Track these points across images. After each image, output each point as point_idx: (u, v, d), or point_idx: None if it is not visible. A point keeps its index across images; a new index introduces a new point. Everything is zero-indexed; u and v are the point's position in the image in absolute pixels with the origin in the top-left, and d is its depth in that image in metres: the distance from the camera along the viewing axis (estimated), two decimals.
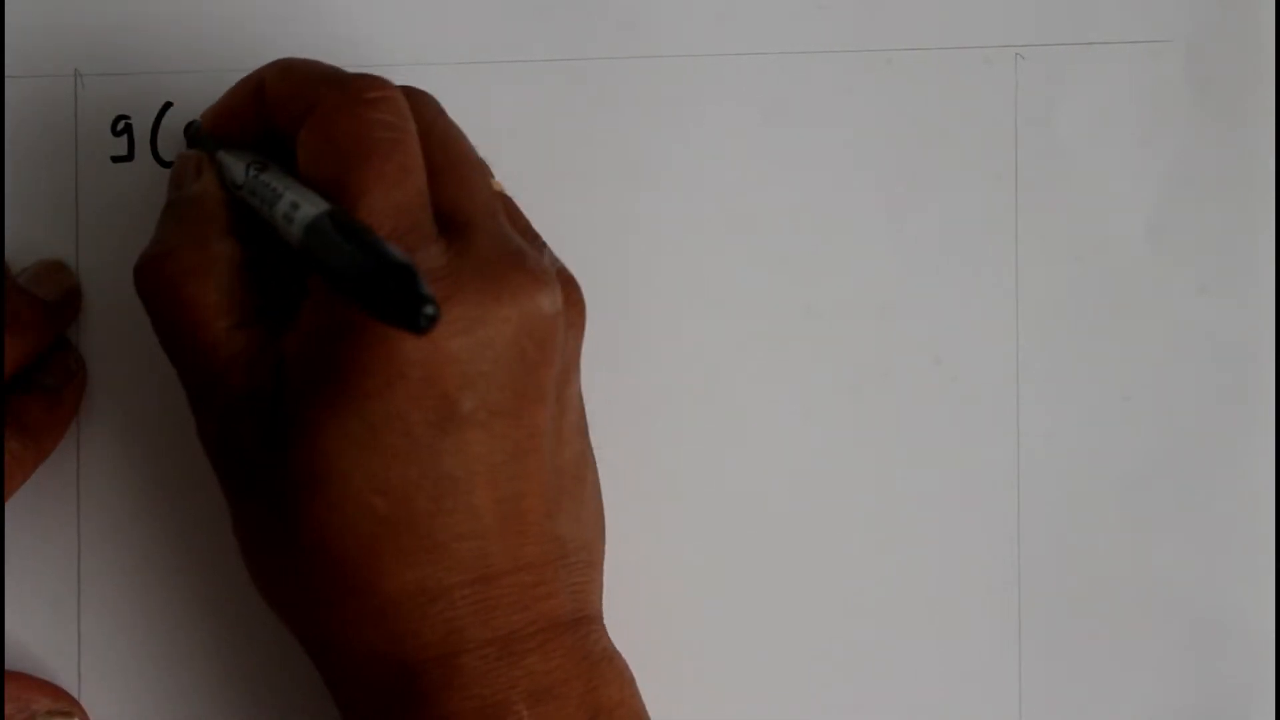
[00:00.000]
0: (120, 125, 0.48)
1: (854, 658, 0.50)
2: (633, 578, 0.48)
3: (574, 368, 0.44)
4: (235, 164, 0.44)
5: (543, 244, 0.45)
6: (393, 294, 0.37)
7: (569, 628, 0.42)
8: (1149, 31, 0.50)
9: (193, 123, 0.46)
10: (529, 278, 0.41)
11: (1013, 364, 0.50)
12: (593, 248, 0.49)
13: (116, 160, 0.48)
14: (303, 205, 0.40)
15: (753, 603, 0.49)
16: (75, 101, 0.48)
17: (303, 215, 0.40)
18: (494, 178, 0.46)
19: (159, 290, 0.43)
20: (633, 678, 0.44)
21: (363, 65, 0.44)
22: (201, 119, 0.46)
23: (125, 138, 0.48)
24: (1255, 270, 0.50)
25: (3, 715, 0.46)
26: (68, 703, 0.48)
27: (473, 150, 0.44)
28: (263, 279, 0.43)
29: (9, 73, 0.48)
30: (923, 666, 0.50)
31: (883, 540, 0.50)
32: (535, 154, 0.49)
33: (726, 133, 0.50)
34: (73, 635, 0.48)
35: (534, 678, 0.41)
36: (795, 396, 0.50)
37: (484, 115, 0.48)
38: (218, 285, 0.43)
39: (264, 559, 0.43)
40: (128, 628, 0.48)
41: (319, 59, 0.44)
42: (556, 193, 0.49)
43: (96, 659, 0.48)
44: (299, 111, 0.42)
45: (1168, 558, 0.50)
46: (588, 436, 0.45)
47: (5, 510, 0.47)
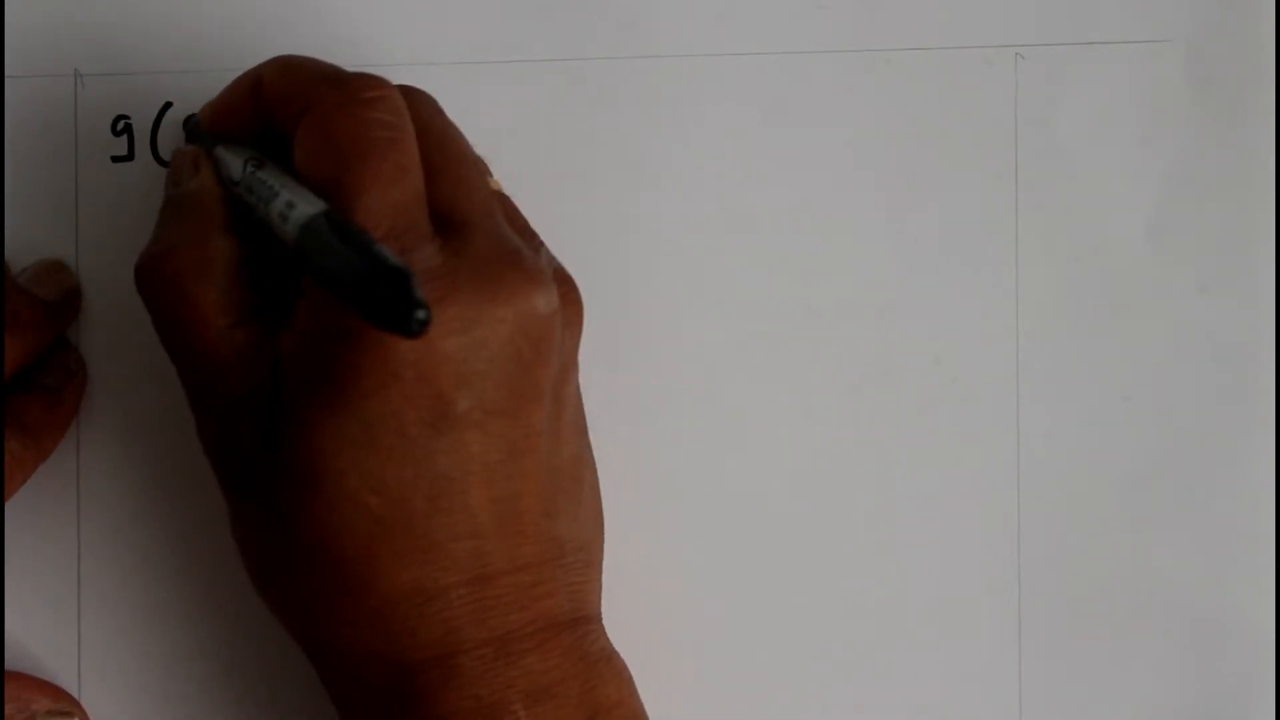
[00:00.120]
0: (120, 125, 0.48)
1: (854, 658, 0.50)
2: (633, 578, 0.48)
3: (572, 367, 0.44)
4: (233, 160, 0.44)
5: (540, 243, 0.45)
6: (385, 297, 0.37)
7: (567, 627, 0.42)
8: (1149, 31, 0.50)
9: (191, 117, 0.46)
10: (524, 277, 0.41)
11: (1013, 364, 0.50)
12: (593, 248, 0.49)
13: (116, 160, 0.48)
14: (298, 204, 0.40)
15: (753, 603, 0.49)
16: (75, 101, 0.48)
17: (298, 215, 0.40)
18: (492, 176, 0.46)
19: (159, 289, 0.43)
20: (631, 677, 0.44)
21: (362, 65, 0.44)
22: (200, 114, 0.46)
23: (125, 138, 0.48)
24: (1255, 270, 0.50)
25: (3, 715, 0.46)
26: (68, 703, 0.48)
27: (470, 149, 0.44)
28: (260, 277, 0.43)
29: (9, 73, 0.48)
30: (923, 666, 0.50)
31: (883, 540, 0.50)
32: (535, 154, 0.49)
33: (726, 133, 0.50)
34: (73, 635, 0.48)
35: (531, 678, 0.41)
36: (795, 396, 0.50)
37: (484, 115, 0.48)
38: (217, 283, 0.43)
39: (261, 559, 0.43)
40: (128, 628, 0.48)
41: (318, 58, 0.44)
42: (556, 193, 0.49)
43: (96, 659, 0.48)
44: (296, 109, 0.42)
45: (1168, 558, 0.50)
46: (586, 436, 0.45)
47: (5, 510, 0.47)
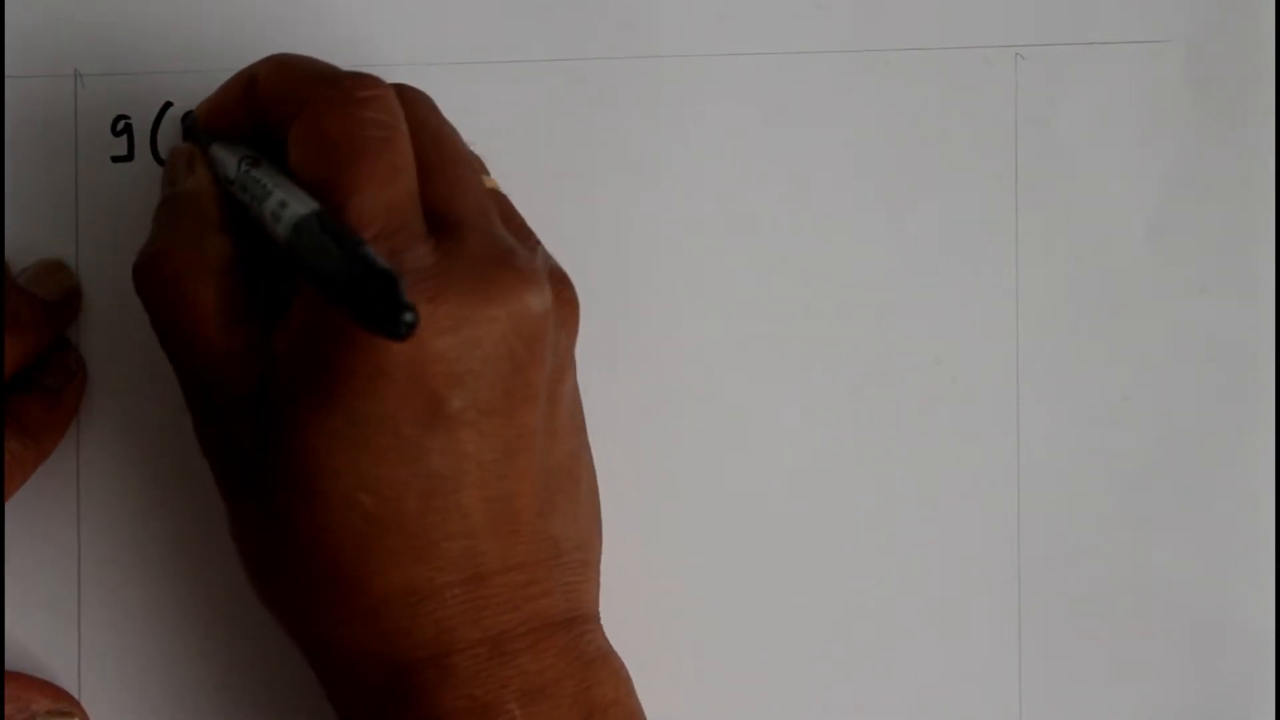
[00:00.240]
0: (120, 125, 0.48)
1: (854, 658, 0.50)
2: (632, 578, 0.48)
3: (567, 366, 0.44)
4: (228, 159, 0.44)
5: (536, 242, 0.45)
6: (373, 300, 0.37)
7: (562, 627, 0.42)
8: (1149, 31, 0.50)
9: (189, 113, 0.46)
10: (517, 277, 0.41)
11: (1013, 364, 0.50)
12: (592, 248, 0.49)
13: (116, 160, 0.48)
14: (290, 204, 0.40)
15: (753, 602, 0.49)
16: (75, 101, 0.48)
17: (290, 214, 0.40)
18: (488, 175, 0.46)
19: (157, 289, 0.43)
20: (629, 677, 0.44)
21: (362, 65, 0.44)
22: (196, 111, 0.46)
23: (125, 138, 0.48)
24: (1255, 270, 0.50)
25: (3, 715, 0.46)
26: (68, 703, 0.48)
27: (465, 148, 0.44)
28: (256, 276, 0.43)
29: (9, 73, 0.48)
30: (923, 666, 0.50)
31: (883, 540, 0.50)
32: (535, 154, 0.49)
33: (726, 133, 0.50)
34: (73, 635, 0.48)
35: (526, 677, 0.41)
36: (795, 396, 0.50)
37: (484, 115, 0.48)
38: (214, 283, 0.43)
39: (258, 559, 0.43)
40: (128, 628, 0.48)
41: (317, 58, 0.44)
42: (556, 193, 0.49)
43: (96, 659, 0.48)
44: (290, 108, 0.42)
45: (1168, 558, 0.50)
46: (584, 436, 0.45)
47: (5, 510, 0.47)
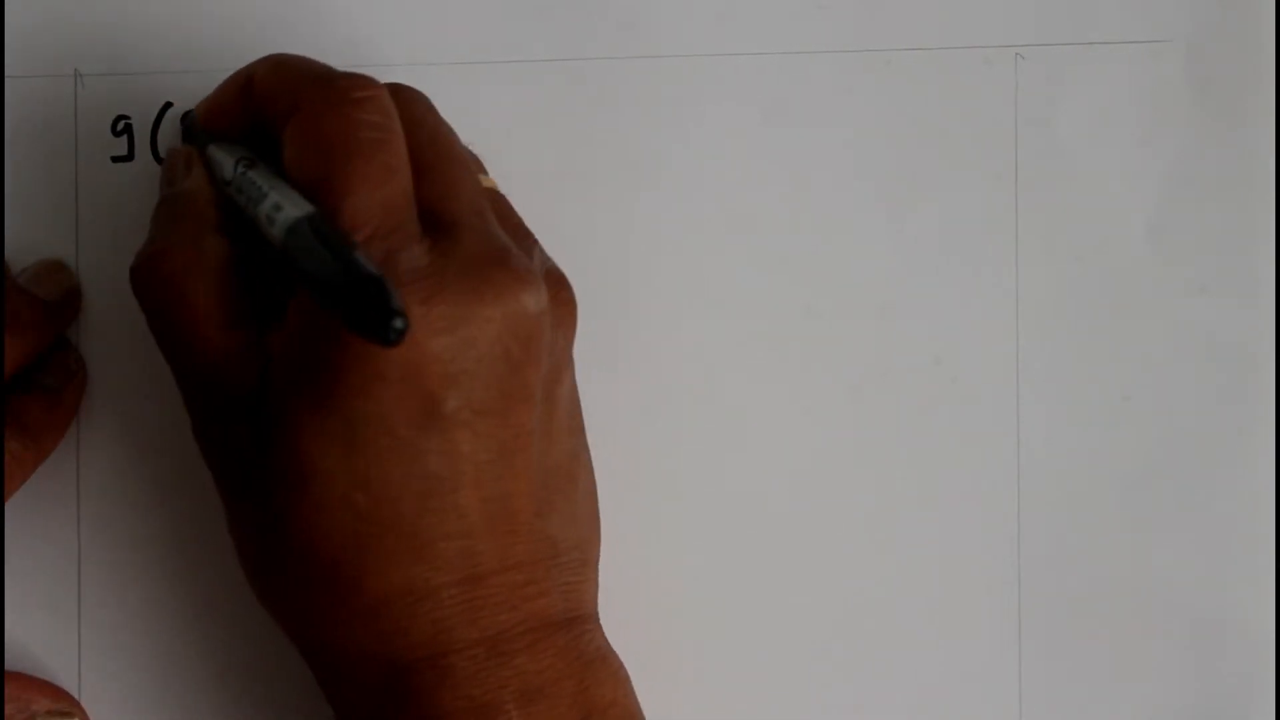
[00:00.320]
0: (120, 125, 0.48)
1: (854, 658, 0.50)
2: (632, 578, 0.48)
3: (565, 366, 0.44)
4: (225, 160, 0.44)
5: (534, 242, 0.45)
6: (363, 305, 0.37)
7: (561, 627, 0.42)
8: (1149, 31, 0.50)
9: (188, 113, 0.46)
10: (513, 277, 0.41)
11: (1013, 364, 0.50)
12: (592, 248, 0.49)
13: (116, 160, 0.48)
14: (285, 207, 0.40)
15: (752, 602, 0.49)
16: (75, 101, 0.48)
17: (284, 217, 0.40)
18: (486, 174, 0.46)
19: (155, 290, 0.43)
20: (627, 677, 0.44)
21: (362, 65, 0.44)
22: (195, 111, 0.46)
23: (125, 138, 0.48)
24: (1255, 270, 0.50)
25: (3, 715, 0.46)
26: (68, 703, 0.48)
27: (461, 147, 0.44)
28: (254, 278, 0.43)
29: (9, 73, 0.48)
30: (923, 666, 0.50)
31: (883, 540, 0.50)
32: (535, 154, 0.49)
33: (726, 133, 0.50)
34: (73, 635, 0.48)
35: (524, 678, 0.41)
36: (795, 396, 0.50)
37: (484, 115, 0.48)
38: (211, 284, 0.43)
39: (257, 559, 0.43)
40: (128, 628, 0.48)
41: (317, 58, 0.44)
42: (556, 193, 0.49)
43: (96, 659, 0.48)
44: (285, 109, 0.42)
45: (1168, 558, 0.50)
46: (582, 436, 0.45)
47: (5, 510, 0.47)
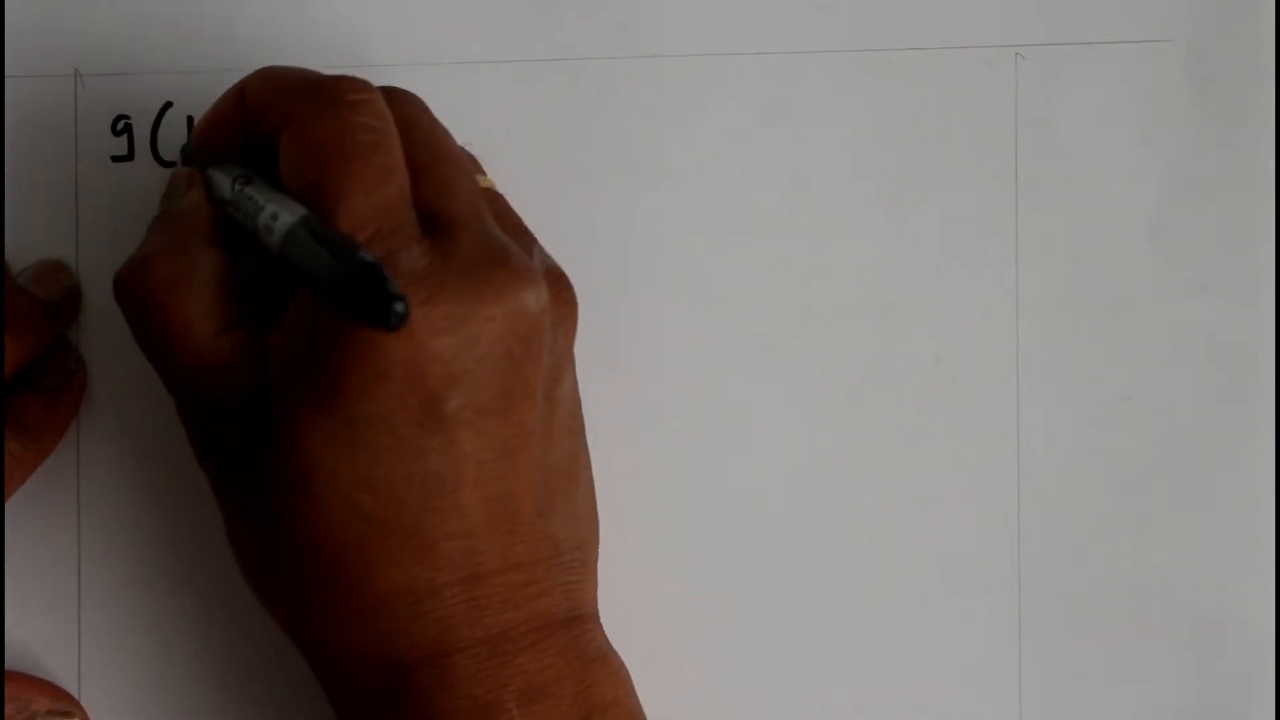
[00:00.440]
0: (120, 125, 0.48)
1: (854, 658, 0.50)
2: (632, 578, 0.48)
3: (566, 365, 0.44)
4: (223, 180, 0.44)
5: (533, 240, 0.45)
6: (363, 294, 0.37)
7: (562, 627, 0.42)
8: (1149, 31, 0.50)
9: (186, 145, 0.46)
10: (513, 276, 0.41)
11: (1013, 364, 0.50)
12: (592, 248, 0.49)
13: (116, 160, 0.48)
14: (281, 214, 0.41)
15: (752, 602, 0.49)
16: (75, 101, 0.48)
17: (281, 224, 0.40)
18: (483, 174, 0.46)
19: (137, 300, 0.43)
20: (628, 677, 0.44)
21: (361, 65, 0.44)
22: (192, 133, 0.46)
23: (125, 138, 0.48)
24: (1255, 270, 0.50)
25: (3, 715, 0.46)
26: (68, 703, 0.48)
27: (457, 148, 0.44)
28: (254, 291, 0.43)
29: (9, 73, 0.48)
30: (923, 666, 0.50)
31: (883, 540, 0.50)
32: (535, 154, 0.49)
33: (726, 133, 0.50)
34: (73, 635, 0.48)
35: (526, 677, 0.41)
36: (795, 396, 0.50)
37: (484, 115, 0.48)
38: (198, 292, 0.42)
39: (257, 560, 0.43)
40: (128, 628, 0.48)
41: (318, 59, 0.44)
42: (556, 193, 0.49)
43: (96, 659, 0.48)
44: (279, 118, 0.42)
45: (1168, 558, 0.50)
46: (583, 435, 0.45)
47: (5, 510, 0.47)
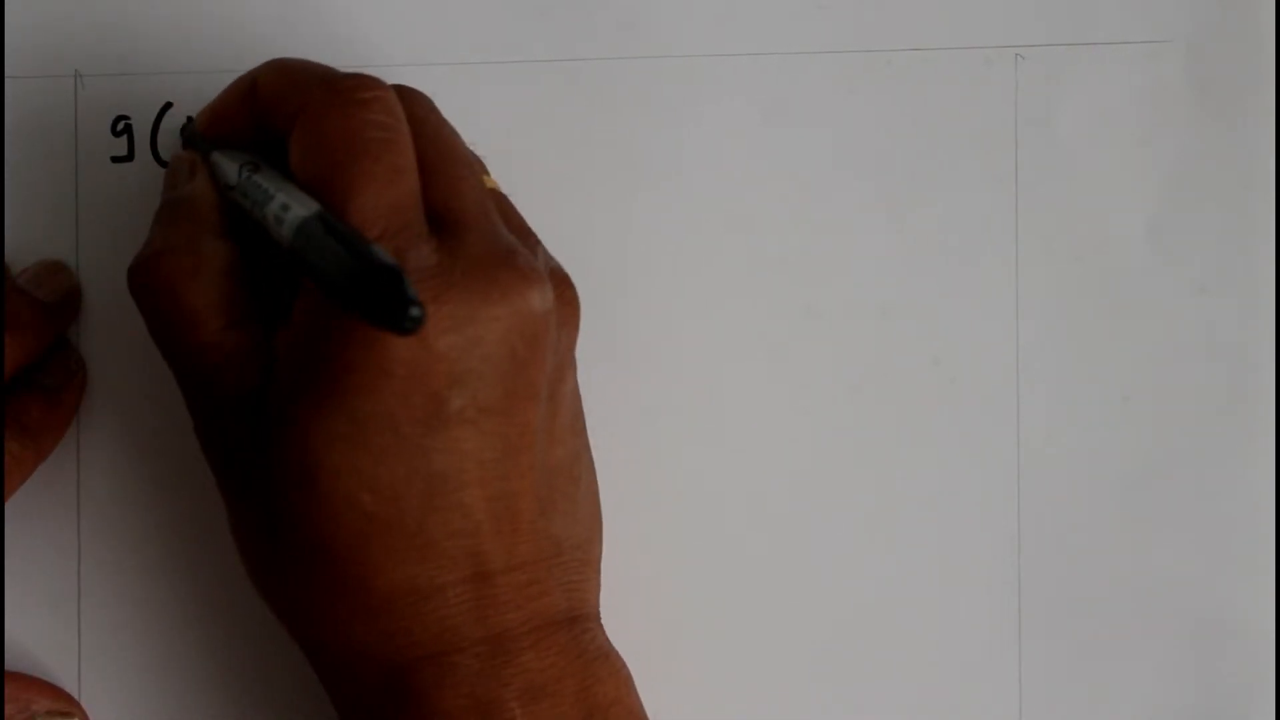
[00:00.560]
0: (120, 125, 0.48)
1: (854, 658, 0.50)
2: (632, 578, 0.48)
3: (568, 366, 0.44)
4: (229, 165, 0.44)
5: (537, 241, 0.45)
6: (379, 296, 0.37)
7: (564, 626, 0.42)
8: (1149, 31, 0.50)
9: (188, 123, 0.46)
10: (519, 276, 0.41)
11: (1013, 364, 0.50)
12: (592, 248, 0.49)
13: (116, 160, 0.48)
14: (293, 207, 0.40)
15: (752, 602, 0.49)
16: (75, 101, 0.48)
17: (293, 217, 0.40)
18: (488, 175, 0.46)
19: (152, 292, 0.43)
20: (629, 676, 0.44)
21: (362, 65, 0.44)
22: (196, 119, 0.46)
23: (125, 138, 0.48)
24: (1255, 270, 0.50)
25: (3, 715, 0.46)
26: (68, 703, 0.48)
27: (465, 148, 0.44)
28: (257, 279, 0.43)
29: (9, 73, 0.48)
30: (923, 666, 0.50)
31: (883, 540, 0.50)
32: (534, 154, 0.49)
33: (726, 133, 0.50)
34: (73, 635, 0.48)
35: (528, 676, 0.41)
36: (795, 396, 0.50)
37: (484, 115, 0.48)
38: (210, 286, 0.43)
39: (259, 558, 0.43)
40: (128, 628, 0.48)
41: (319, 59, 0.44)
42: (556, 193, 0.49)
43: (96, 659, 0.48)
44: (291, 111, 0.42)
45: (1168, 558, 0.50)
46: (584, 435, 0.45)
47: (5, 510, 0.47)
